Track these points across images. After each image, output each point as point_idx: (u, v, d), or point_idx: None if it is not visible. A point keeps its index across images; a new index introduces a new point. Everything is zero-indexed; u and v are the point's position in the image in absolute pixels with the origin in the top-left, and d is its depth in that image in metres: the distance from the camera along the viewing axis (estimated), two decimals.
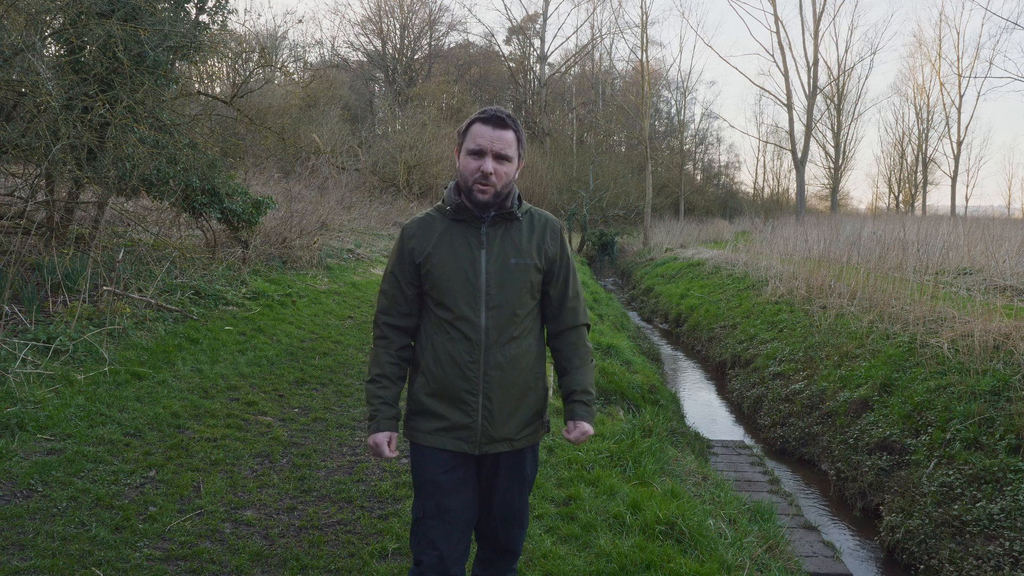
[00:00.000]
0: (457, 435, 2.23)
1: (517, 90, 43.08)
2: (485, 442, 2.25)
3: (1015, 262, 11.26)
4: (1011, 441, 5.20)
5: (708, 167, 54.71)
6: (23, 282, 6.27)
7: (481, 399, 2.22)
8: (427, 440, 2.24)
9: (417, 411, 2.27)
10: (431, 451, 2.24)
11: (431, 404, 2.24)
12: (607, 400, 7.05)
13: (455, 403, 2.22)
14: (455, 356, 2.20)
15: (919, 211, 41.85)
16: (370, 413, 2.26)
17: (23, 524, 3.29)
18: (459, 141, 2.24)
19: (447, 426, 2.23)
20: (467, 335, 2.19)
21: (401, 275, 2.26)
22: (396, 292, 2.28)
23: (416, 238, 2.25)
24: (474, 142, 2.16)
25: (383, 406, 2.25)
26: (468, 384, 2.21)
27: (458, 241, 2.22)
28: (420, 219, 2.29)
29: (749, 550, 3.74)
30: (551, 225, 2.32)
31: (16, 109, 6.99)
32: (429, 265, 2.21)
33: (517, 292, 2.22)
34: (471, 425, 2.23)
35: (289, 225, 11.41)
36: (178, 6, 8.20)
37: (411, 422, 2.29)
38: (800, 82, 53.76)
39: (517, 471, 2.34)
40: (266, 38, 28.47)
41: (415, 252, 2.23)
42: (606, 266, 27.02)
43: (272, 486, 4.01)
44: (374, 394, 2.26)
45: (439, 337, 2.23)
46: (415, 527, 2.27)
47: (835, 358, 8.27)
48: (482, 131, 2.16)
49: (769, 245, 18.72)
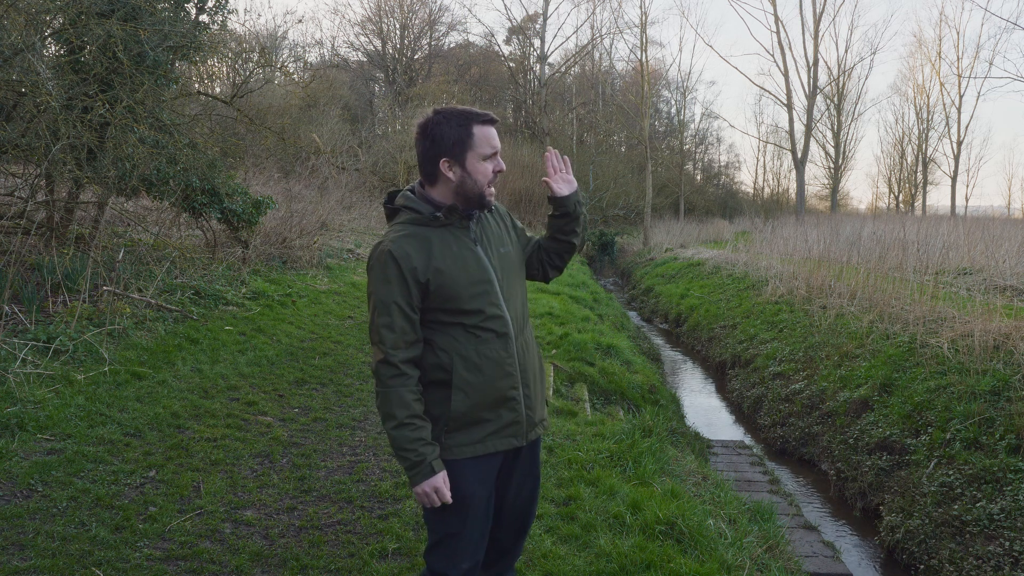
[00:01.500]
0: (508, 433, 2.20)
1: (517, 90, 43.06)
2: (529, 430, 2.25)
3: (1015, 262, 11.26)
4: (1011, 441, 5.20)
5: (708, 167, 54.70)
6: (23, 282, 6.27)
7: (521, 389, 2.22)
8: (476, 450, 2.16)
9: (458, 427, 2.15)
10: (469, 463, 2.16)
11: (477, 414, 2.15)
12: (607, 400, 7.05)
13: (501, 403, 2.18)
14: (492, 356, 2.15)
15: (919, 211, 41.85)
16: (412, 461, 2.06)
17: (23, 524, 3.29)
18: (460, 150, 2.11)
19: (497, 428, 2.18)
20: (499, 332, 2.16)
21: (405, 302, 2.08)
22: (404, 322, 2.09)
23: (412, 258, 2.08)
24: (490, 145, 2.13)
25: (427, 447, 2.08)
26: (510, 380, 2.18)
27: (456, 245, 2.15)
28: (404, 236, 2.11)
29: (749, 550, 3.74)
30: (501, 209, 2.36)
31: (16, 109, 6.99)
32: (440, 279, 2.09)
33: (517, 276, 2.30)
34: (519, 419, 2.22)
35: (289, 225, 11.41)
36: (178, 6, 8.19)
37: (451, 440, 2.15)
38: (800, 82, 53.74)
39: (533, 464, 2.35)
40: (266, 38, 28.47)
41: (418, 272, 2.08)
42: (606, 266, 27.02)
43: (272, 486, 4.01)
44: (411, 438, 2.06)
45: (467, 345, 2.13)
46: (443, 544, 2.19)
47: (835, 358, 8.27)
48: (491, 133, 2.14)
49: (769, 245, 18.72)
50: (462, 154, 2.12)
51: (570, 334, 8.37)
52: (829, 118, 41.33)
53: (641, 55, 31.15)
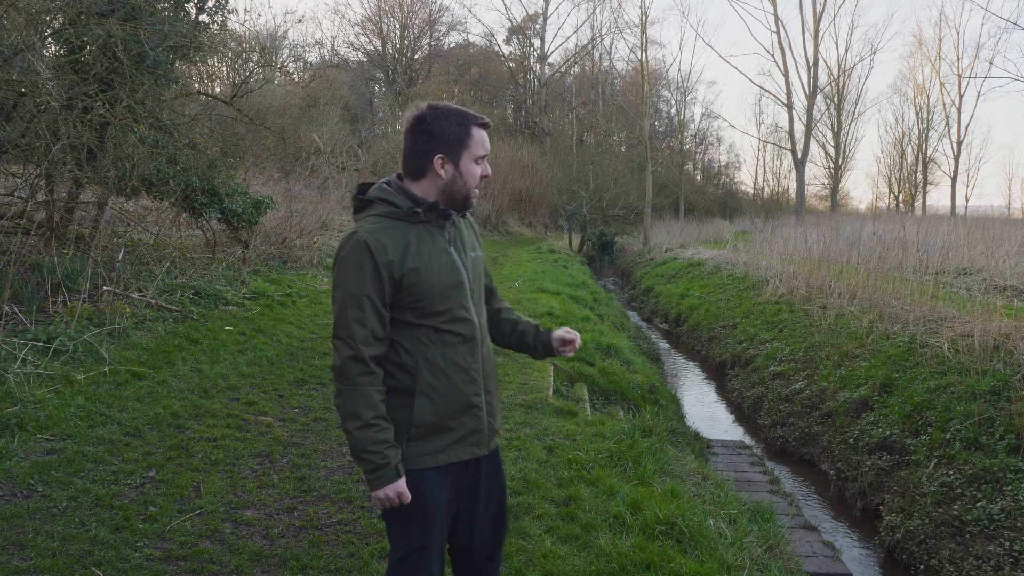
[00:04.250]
0: (470, 441, 2.14)
1: (517, 90, 43.07)
2: (490, 438, 2.20)
3: (1015, 262, 11.26)
4: (1011, 441, 5.20)
5: (708, 167, 54.72)
6: (23, 282, 6.26)
7: (484, 396, 2.17)
8: (438, 460, 2.08)
9: (422, 435, 2.07)
10: (431, 473, 2.09)
11: (441, 421, 2.08)
12: (607, 400, 7.04)
13: (465, 410, 2.12)
14: (458, 361, 2.09)
15: (919, 211, 41.87)
16: (376, 463, 1.97)
17: (23, 524, 3.29)
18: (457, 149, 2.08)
19: (459, 436, 2.12)
20: (466, 335, 2.11)
21: (378, 297, 1.99)
22: (374, 318, 2.00)
23: (389, 251, 2.00)
24: (484, 148, 2.11)
25: (391, 450, 2.00)
26: (475, 386, 2.13)
27: (431, 244, 2.08)
28: (381, 229, 2.03)
29: (749, 550, 3.74)
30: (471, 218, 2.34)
31: (16, 109, 6.99)
32: (414, 276, 2.02)
33: (483, 283, 2.27)
34: (481, 427, 2.16)
35: (289, 225, 11.41)
36: (178, 6, 8.20)
37: (412, 448, 2.07)
38: (800, 82, 53.76)
39: (497, 473, 2.28)
40: (266, 38, 28.46)
41: (393, 266, 2.00)
42: (606, 266, 27.00)
43: (272, 486, 4.01)
44: (376, 440, 1.97)
45: (433, 347, 2.06)
46: (410, 560, 2.10)
47: (835, 358, 8.27)
48: (485, 136, 2.13)
49: (769, 245, 18.71)
50: (458, 153, 2.08)
51: None
52: (829, 118, 41.38)
53: (641, 55, 31.17)
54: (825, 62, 42.33)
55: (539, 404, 5.76)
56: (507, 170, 30.59)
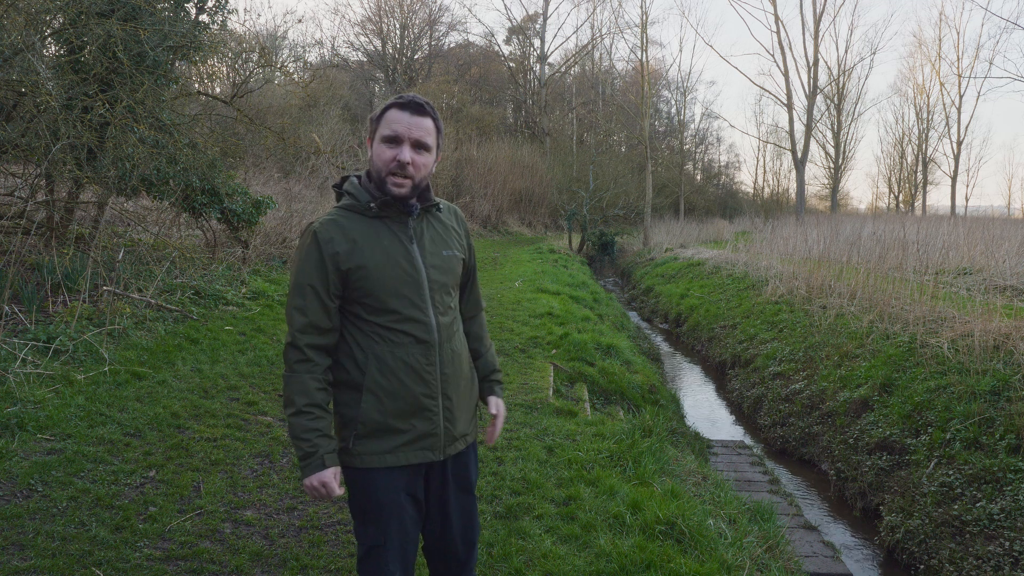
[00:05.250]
0: (421, 445, 2.07)
1: (517, 90, 43.07)
2: (447, 444, 2.12)
3: (1015, 262, 11.26)
4: (1011, 441, 5.20)
5: (708, 167, 54.75)
6: (23, 282, 6.27)
7: (441, 400, 2.09)
8: (386, 460, 2.04)
9: (369, 433, 2.03)
10: (380, 472, 2.04)
11: (388, 421, 2.03)
12: (607, 400, 7.04)
13: (416, 412, 2.05)
14: (408, 362, 2.03)
15: (919, 211, 41.90)
16: (305, 451, 1.96)
17: (23, 524, 3.29)
18: (371, 128, 2.06)
19: (409, 439, 2.05)
20: (419, 337, 2.04)
21: (322, 287, 1.98)
22: (316, 307, 1.98)
23: (336, 242, 1.98)
24: (389, 128, 2.00)
25: (321, 439, 1.97)
26: (427, 388, 2.06)
27: (388, 239, 2.03)
28: (331, 221, 2.02)
29: (749, 550, 3.74)
30: (459, 214, 2.27)
31: (16, 109, 6.99)
32: (362, 271, 1.98)
33: (452, 284, 2.16)
34: (435, 431, 2.08)
35: (289, 225, 11.42)
36: (178, 6, 8.19)
37: (360, 447, 2.03)
38: (800, 82, 53.80)
39: (464, 475, 2.23)
40: (266, 38, 28.46)
41: (339, 258, 1.97)
42: (606, 266, 27.01)
43: (272, 486, 4.01)
44: (307, 427, 1.96)
45: (382, 346, 2.02)
46: (370, 556, 2.08)
47: (835, 358, 8.27)
48: (399, 116, 2.00)
49: (769, 245, 18.72)
50: (372, 134, 2.06)
51: (570, 334, 8.37)
52: (829, 118, 41.40)
53: (641, 55, 31.18)
54: (825, 62, 42.42)
55: (539, 404, 5.76)
56: (507, 170, 30.60)
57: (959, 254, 12.98)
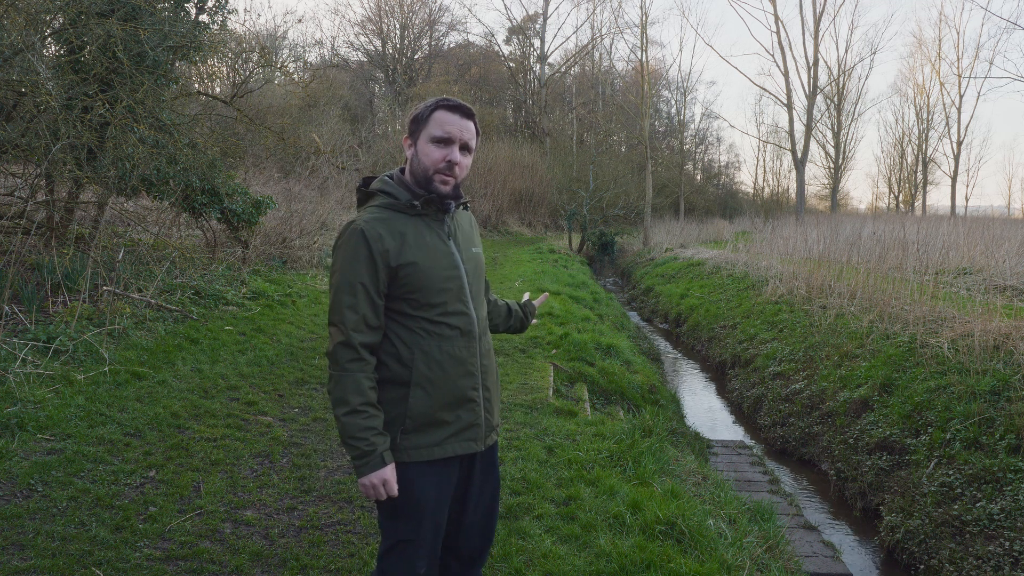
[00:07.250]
0: (466, 436, 2.13)
1: (517, 90, 43.06)
2: (487, 434, 2.20)
3: (1015, 262, 11.26)
4: (1011, 441, 5.20)
5: (708, 167, 54.75)
6: (23, 282, 6.26)
7: (482, 391, 2.17)
8: (433, 453, 2.07)
9: (416, 428, 2.07)
10: (424, 466, 2.08)
11: (436, 414, 2.07)
12: (607, 400, 7.04)
13: (462, 404, 2.11)
14: (455, 354, 2.08)
15: (919, 211, 41.91)
16: (363, 450, 1.96)
17: (23, 524, 3.29)
18: (415, 128, 2.11)
19: (455, 431, 2.11)
20: (463, 329, 2.10)
21: (372, 284, 2.01)
22: (368, 305, 2.01)
23: (385, 240, 2.02)
24: (442, 129, 2.06)
25: (378, 437, 1.99)
26: (472, 380, 2.12)
27: (429, 236, 2.10)
28: (378, 219, 2.06)
29: (749, 550, 3.74)
30: (471, 215, 2.37)
31: (16, 109, 6.99)
32: (412, 267, 2.03)
33: (483, 278, 2.28)
34: (477, 422, 2.15)
35: (289, 225, 11.42)
36: (178, 6, 8.19)
37: (407, 441, 2.06)
38: (800, 82, 53.81)
39: (491, 469, 2.28)
40: (266, 38, 28.46)
41: (389, 255, 2.01)
42: (606, 266, 27.00)
43: (272, 486, 4.01)
44: (363, 426, 1.97)
45: (428, 340, 2.06)
46: (396, 551, 2.10)
47: (835, 358, 8.27)
48: (450, 119, 2.07)
49: (769, 245, 18.71)
50: (417, 132, 2.11)
51: (570, 334, 8.37)
52: (829, 118, 41.41)
53: (641, 55, 31.18)
54: (825, 62, 42.40)
55: (539, 404, 5.76)
56: (507, 170, 30.58)
57: (959, 254, 12.98)
